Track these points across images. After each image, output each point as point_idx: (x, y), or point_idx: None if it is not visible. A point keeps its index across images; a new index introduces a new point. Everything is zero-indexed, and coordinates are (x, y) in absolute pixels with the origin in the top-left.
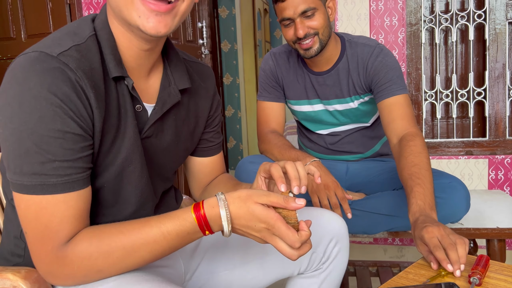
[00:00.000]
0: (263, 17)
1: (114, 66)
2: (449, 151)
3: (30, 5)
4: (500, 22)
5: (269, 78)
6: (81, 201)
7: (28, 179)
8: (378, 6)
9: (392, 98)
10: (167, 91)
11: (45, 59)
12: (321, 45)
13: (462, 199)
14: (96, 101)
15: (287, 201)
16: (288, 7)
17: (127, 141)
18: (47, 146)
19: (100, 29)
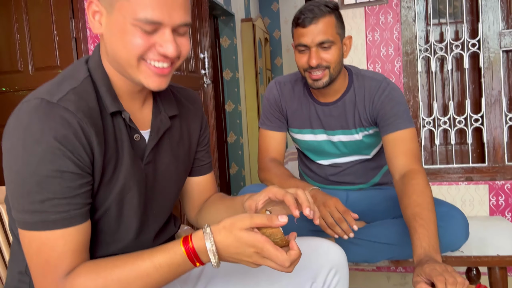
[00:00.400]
0: (263, 45)
1: (111, 102)
2: (449, 177)
3: (37, 39)
4: (494, 51)
5: (273, 107)
6: (79, 235)
7: (30, 216)
8: (374, 36)
9: (397, 132)
10: (159, 118)
11: (46, 105)
12: (330, 79)
13: (460, 227)
14: (96, 137)
15: (271, 219)
16: (308, 34)
17: (124, 169)
18: (46, 185)
19: (94, 69)
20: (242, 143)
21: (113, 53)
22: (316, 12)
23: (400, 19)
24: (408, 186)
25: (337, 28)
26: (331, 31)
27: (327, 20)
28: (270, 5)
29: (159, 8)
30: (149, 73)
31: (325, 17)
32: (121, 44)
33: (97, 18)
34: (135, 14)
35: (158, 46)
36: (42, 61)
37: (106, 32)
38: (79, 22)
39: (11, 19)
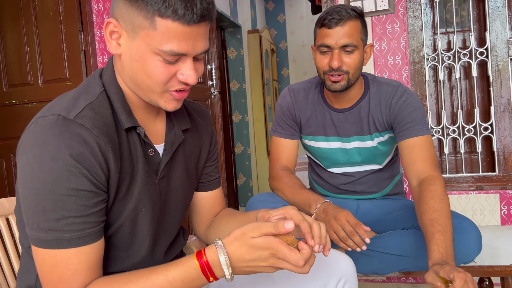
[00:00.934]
0: (270, 56)
1: (126, 118)
2: (459, 186)
3: (47, 52)
4: (502, 59)
5: (286, 114)
6: (93, 254)
7: (44, 234)
8: (382, 46)
9: (415, 138)
10: (172, 132)
11: (63, 122)
12: (348, 84)
13: (473, 240)
14: (113, 154)
15: (277, 227)
16: (332, 35)
17: (139, 186)
18: (62, 203)
19: (108, 84)
20: (250, 154)
21: (133, 76)
22: (343, 15)
23: (407, 29)
24: (426, 192)
25: (362, 34)
26: (356, 36)
27: (353, 24)
28: (277, 17)
29: (185, 40)
30: (170, 98)
31: (352, 20)
32: (143, 72)
33: (115, 38)
34: (160, 45)
35: (179, 74)
36: (51, 74)
37: (125, 55)
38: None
39: (22, 32)
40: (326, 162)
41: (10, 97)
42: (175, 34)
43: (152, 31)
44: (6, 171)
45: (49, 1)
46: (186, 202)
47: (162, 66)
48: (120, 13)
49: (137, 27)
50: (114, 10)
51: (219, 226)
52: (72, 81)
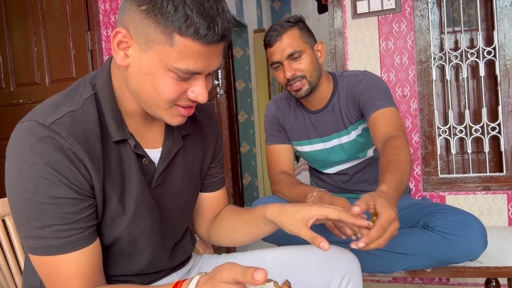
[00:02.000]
0: None
1: (115, 130)
2: (466, 186)
3: (54, 52)
4: (510, 58)
5: (272, 123)
6: (85, 259)
7: (33, 242)
8: (388, 45)
9: (377, 112)
10: (171, 138)
11: (38, 129)
12: (310, 86)
13: (478, 236)
14: (91, 163)
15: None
16: (276, 51)
17: (134, 195)
18: (45, 212)
19: (101, 90)
20: (255, 153)
21: (140, 90)
22: (279, 30)
23: (414, 28)
24: (387, 144)
25: (303, 37)
26: (297, 42)
27: (290, 33)
28: (283, 16)
29: (202, 59)
30: (176, 114)
31: (288, 31)
32: (151, 86)
33: (122, 48)
34: (176, 63)
35: (190, 92)
36: (58, 73)
37: (133, 67)
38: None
39: (29, 32)
40: (317, 164)
41: (17, 97)
42: (193, 53)
43: (169, 47)
44: None
45: (56, 1)
46: (189, 207)
47: (174, 83)
48: (133, 23)
49: (152, 40)
50: (124, 19)
51: (223, 225)
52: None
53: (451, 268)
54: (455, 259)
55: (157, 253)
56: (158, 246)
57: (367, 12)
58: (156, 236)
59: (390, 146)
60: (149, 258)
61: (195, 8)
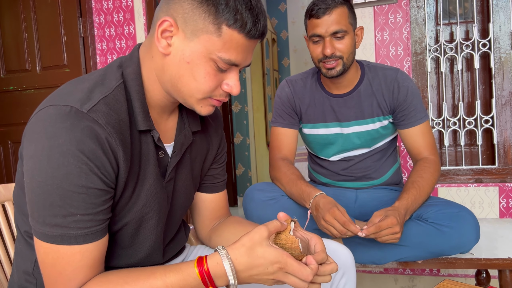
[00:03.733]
0: (271, 46)
1: (143, 119)
2: (458, 178)
3: (45, 38)
4: (505, 51)
5: (285, 104)
6: (96, 251)
7: (50, 229)
8: (383, 36)
9: (417, 127)
10: (183, 133)
11: (76, 115)
12: (343, 68)
13: (471, 229)
14: (123, 154)
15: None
16: (321, 25)
17: (147, 188)
18: (70, 200)
19: (131, 79)
20: (249, 144)
21: (177, 78)
22: (329, 3)
23: (410, 19)
24: (419, 164)
25: (350, 18)
26: (344, 21)
27: (340, 11)
28: (278, 6)
29: (242, 52)
30: (208, 104)
31: (338, 7)
32: (191, 75)
33: (165, 36)
34: (220, 52)
35: (225, 84)
36: (49, 60)
37: (175, 56)
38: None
39: (19, 18)
40: (325, 151)
41: (8, 84)
42: (236, 45)
43: (216, 37)
44: (4, 158)
45: None
46: (188, 203)
47: (213, 73)
48: (181, 12)
49: (200, 30)
50: (171, 7)
51: (224, 233)
52: (70, 67)
53: (443, 259)
54: (447, 251)
55: (155, 247)
56: (158, 240)
57: (363, 2)
58: (158, 229)
59: (420, 167)
60: (147, 251)
61: (244, 3)
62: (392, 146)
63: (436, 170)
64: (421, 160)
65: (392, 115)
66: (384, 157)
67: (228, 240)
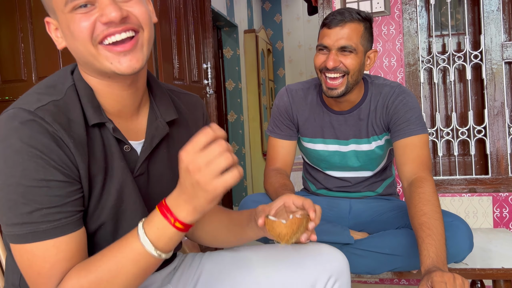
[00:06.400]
0: (266, 56)
1: (92, 113)
2: (452, 188)
3: (41, 48)
4: (496, 62)
5: (283, 115)
6: (73, 243)
7: (19, 229)
8: (377, 47)
9: (408, 139)
10: (154, 125)
11: (22, 114)
12: (346, 89)
13: (465, 238)
14: (76, 149)
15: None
16: (331, 35)
17: (116, 182)
18: (33, 196)
19: (77, 79)
20: (244, 154)
21: (75, 53)
22: (346, 16)
23: (403, 31)
24: (414, 194)
25: (363, 38)
26: (356, 39)
27: (354, 27)
28: (273, 17)
29: None
30: (112, 56)
31: (353, 23)
32: (73, 39)
33: (59, 35)
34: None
35: (99, 17)
36: (45, 70)
37: (65, 40)
38: None
39: (16, 28)
40: (323, 164)
41: (3, 93)
42: None
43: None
44: None
45: None
46: None
47: (79, 18)
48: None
49: (49, 2)
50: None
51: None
52: None
53: None
54: None
55: None
56: None
57: None
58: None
59: (419, 199)
60: None
61: None
62: (387, 164)
63: (434, 192)
64: (413, 185)
65: (388, 132)
66: (379, 176)
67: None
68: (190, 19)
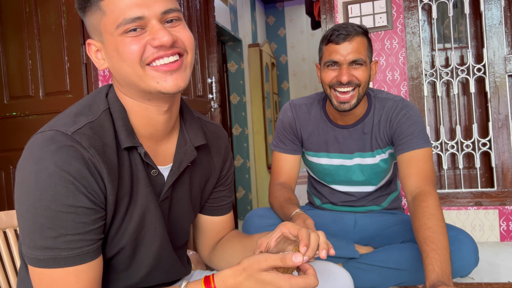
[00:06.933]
0: (270, 70)
1: (125, 137)
2: (457, 201)
3: (49, 65)
4: (499, 75)
5: (287, 130)
6: (91, 272)
7: (41, 253)
8: (380, 61)
9: (412, 152)
10: (183, 150)
11: (60, 138)
12: (357, 101)
13: (470, 252)
14: (108, 175)
15: (284, 260)
16: (340, 51)
17: (139, 208)
18: (60, 221)
19: (112, 102)
20: (249, 167)
21: (119, 75)
22: (351, 30)
23: (406, 45)
24: (418, 208)
25: (368, 50)
26: (364, 51)
27: (361, 40)
28: (277, 31)
29: (136, 5)
30: (159, 75)
31: (359, 36)
32: (120, 61)
33: (100, 57)
34: (116, 22)
35: (151, 40)
36: (52, 86)
37: (109, 63)
38: None
39: (24, 45)
40: (328, 178)
41: (10, 109)
42: (123, 5)
43: (105, 16)
44: (5, 184)
45: (51, 15)
46: (186, 224)
47: (131, 42)
48: (88, 29)
49: (97, 25)
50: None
51: (225, 250)
52: (73, 93)
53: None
54: None
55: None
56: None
57: None
58: (155, 248)
59: (423, 213)
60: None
61: None
62: (392, 178)
63: (438, 206)
64: (416, 200)
65: (392, 146)
66: (384, 191)
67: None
68: (195, 34)
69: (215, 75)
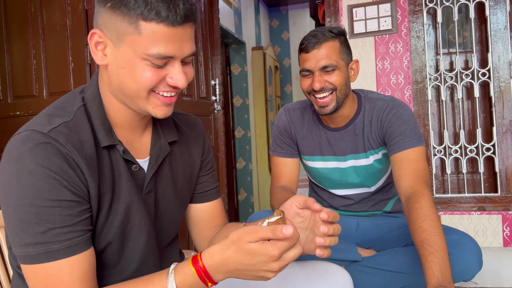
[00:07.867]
0: (273, 73)
1: (104, 136)
2: (461, 206)
3: (53, 65)
4: (504, 80)
5: (282, 134)
6: (85, 262)
7: (32, 249)
8: (384, 65)
9: (404, 152)
10: (158, 144)
11: (36, 136)
12: (337, 104)
13: (473, 256)
14: (88, 169)
15: (275, 232)
16: (310, 59)
17: (123, 202)
18: (46, 216)
19: (90, 101)
20: (251, 170)
21: (120, 85)
22: (319, 37)
23: (410, 48)
24: (412, 210)
25: (341, 53)
26: (335, 56)
27: (330, 45)
28: (281, 34)
29: (171, 43)
30: (158, 103)
31: (328, 42)
32: (130, 78)
33: (100, 49)
34: (147, 50)
35: (169, 78)
36: (56, 86)
37: (111, 64)
38: None
39: (29, 45)
40: (325, 182)
41: (14, 109)
42: (161, 37)
43: (138, 36)
44: None
45: (56, 15)
46: (174, 217)
47: (150, 71)
48: (103, 22)
49: (122, 34)
50: (97, 20)
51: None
52: None
53: None
54: None
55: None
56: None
57: (364, 32)
58: (145, 243)
59: (417, 215)
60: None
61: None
62: (391, 177)
63: (431, 206)
64: (410, 201)
65: (385, 146)
66: (384, 195)
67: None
68: (199, 36)
69: (218, 77)
